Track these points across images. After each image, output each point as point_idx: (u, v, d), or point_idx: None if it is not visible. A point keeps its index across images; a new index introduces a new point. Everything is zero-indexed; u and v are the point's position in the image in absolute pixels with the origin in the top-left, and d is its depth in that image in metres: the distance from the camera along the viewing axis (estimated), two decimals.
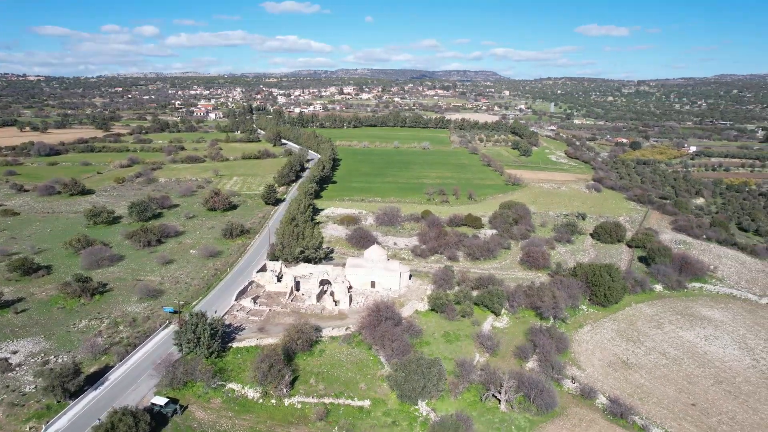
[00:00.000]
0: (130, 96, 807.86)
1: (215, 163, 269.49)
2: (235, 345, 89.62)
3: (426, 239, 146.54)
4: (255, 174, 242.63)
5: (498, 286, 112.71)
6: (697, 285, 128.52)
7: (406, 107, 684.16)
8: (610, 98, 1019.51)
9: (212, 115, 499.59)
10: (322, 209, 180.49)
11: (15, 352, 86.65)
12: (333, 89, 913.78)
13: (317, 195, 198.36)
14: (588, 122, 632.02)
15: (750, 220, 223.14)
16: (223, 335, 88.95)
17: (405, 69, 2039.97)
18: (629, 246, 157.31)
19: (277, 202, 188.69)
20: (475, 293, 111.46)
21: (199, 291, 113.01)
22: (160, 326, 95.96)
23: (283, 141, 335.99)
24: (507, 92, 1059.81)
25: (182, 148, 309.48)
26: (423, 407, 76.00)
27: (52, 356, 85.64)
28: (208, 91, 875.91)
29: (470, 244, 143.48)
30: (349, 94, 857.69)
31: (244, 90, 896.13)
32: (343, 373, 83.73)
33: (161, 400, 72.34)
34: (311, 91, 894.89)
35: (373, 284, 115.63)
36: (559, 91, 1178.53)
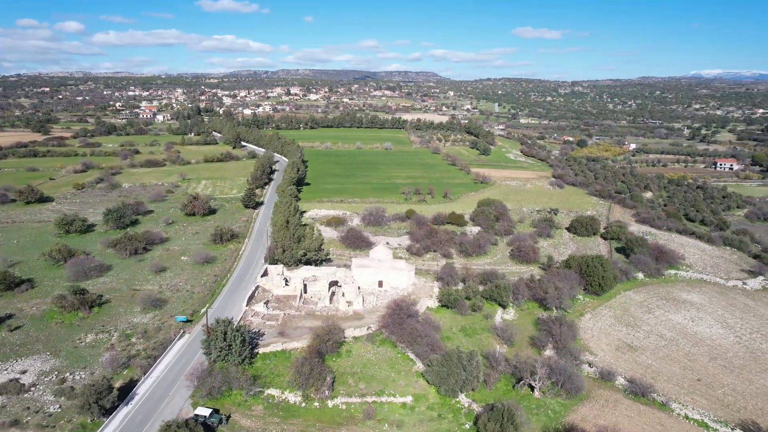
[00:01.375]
0: (60, 96, 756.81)
1: (177, 166, 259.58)
2: (261, 350, 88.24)
3: (418, 238, 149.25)
4: (223, 177, 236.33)
5: (500, 280, 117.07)
6: (672, 272, 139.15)
7: (357, 108, 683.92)
8: (549, 98, 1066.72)
9: (159, 117, 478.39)
10: (305, 211, 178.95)
11: (24, 372, 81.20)
12: (279, 90, 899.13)
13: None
14: (533, 122, 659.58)
15: (695, 211, 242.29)
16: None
17: (346, 69, 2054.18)
18: (604, 238, 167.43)
19: (257, 205, 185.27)
20: (480, 288, 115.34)
21: (204, 298, 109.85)
22: (176, 336, 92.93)
23: (243, 143, 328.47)
24: (452, 93, 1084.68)
25: (137, 152, 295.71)
26: (463, 399, 78.59)
27: (68, 373, 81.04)
28: (148, 92, 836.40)
29: (461, 241, 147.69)
30: (296, 95, 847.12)
31: (185, 91, 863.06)
32: (378, 372, 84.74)
33: (205, 411, 70.49)
34: (256, 91, 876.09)
35: (380, 284, 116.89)
36: (500, 92, 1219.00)
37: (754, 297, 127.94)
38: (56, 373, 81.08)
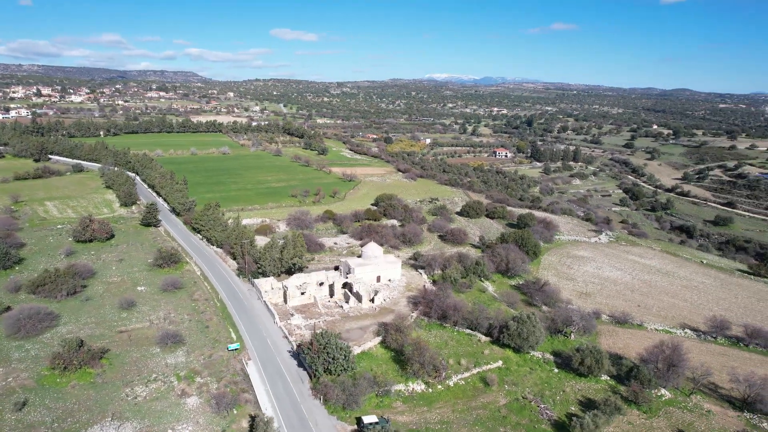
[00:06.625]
0: None
1: None
2: None
3: (362, 235, 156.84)
4: (69, 196, 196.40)
5: (468, 259, 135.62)
6: (557, 237, 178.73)
7: (139, 111, 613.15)
8: (326, 99, 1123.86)
9: None
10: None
11: None
12: (22, 90, 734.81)
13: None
14: (329, 121, 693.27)
15: (511, 190, 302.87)
16: None
17: (87, 67, 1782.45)
18: (490, 218, 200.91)
19: (158, 222, 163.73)
20: (462, 268, 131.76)
21: (223, 324, 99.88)
22: (244, 365, 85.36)
23: (49, 156, 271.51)
24: (231, 94, 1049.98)
25: None
26: (536, 353, 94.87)
27: (169, 429, 69.13)
28: None
29: (400, 233, 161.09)
30: (51, 96, 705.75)
31: None
32: (457, 350, 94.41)
33: (373, 418, 71.17)
34: None
35: (378, 278, 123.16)
36: (274, 92, 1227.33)
37: (613, 247, 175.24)
38: None
